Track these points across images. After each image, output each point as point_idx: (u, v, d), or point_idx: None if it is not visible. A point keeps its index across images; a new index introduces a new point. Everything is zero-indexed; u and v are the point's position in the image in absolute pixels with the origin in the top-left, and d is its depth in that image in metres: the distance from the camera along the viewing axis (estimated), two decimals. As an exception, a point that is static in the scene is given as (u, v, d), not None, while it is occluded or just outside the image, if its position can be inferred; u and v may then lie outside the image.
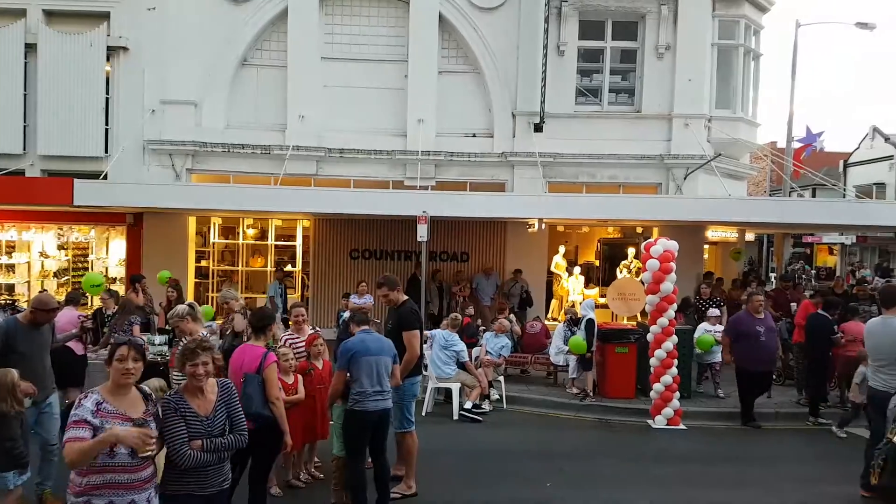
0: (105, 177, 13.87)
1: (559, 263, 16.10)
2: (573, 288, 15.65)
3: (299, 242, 16.01)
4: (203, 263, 15.85)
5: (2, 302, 13.81)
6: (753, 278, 16.66)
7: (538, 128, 14.88)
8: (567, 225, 16.12)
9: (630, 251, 15.88)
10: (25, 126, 14.69)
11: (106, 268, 15.67)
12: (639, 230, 15.84)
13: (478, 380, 9.59)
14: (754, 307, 9.55)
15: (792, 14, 47.39)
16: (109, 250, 15.90)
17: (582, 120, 15.38)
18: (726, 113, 15.74)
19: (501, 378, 10.44)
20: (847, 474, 6.89)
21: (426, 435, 7.37)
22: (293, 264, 16.06)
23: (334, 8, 15.28)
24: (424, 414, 9.32)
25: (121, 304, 8.93)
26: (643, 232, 15.48)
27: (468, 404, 9.37)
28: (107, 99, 14.78)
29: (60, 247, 15.67)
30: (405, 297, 6.79)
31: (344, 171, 15.09)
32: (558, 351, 10.93)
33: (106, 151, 14.70)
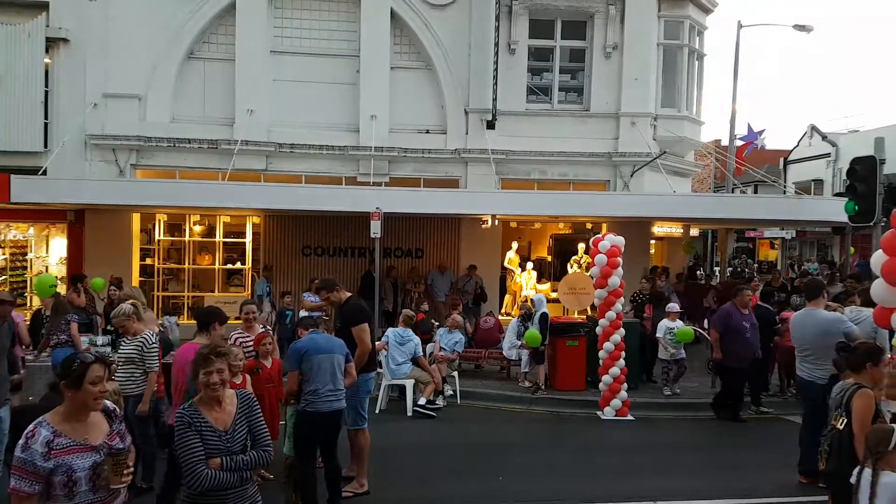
0: (44, 172, 13.35)
1: (512, 259, 16.25)
2: (526, 283, 15.84)
3: (249, 239, 15.75)
4: (148, 261, 15.43)
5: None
6: (703, 276, 17.06)
7: (490, 125, 15.01)
8: (520, 221, 16.29)
9: (580, 247, 16.15)
10: (-42, 119, 14.05)
11: (46, 266, 15.12)
12: (588, 226, 16.12)
13: (431, 376, 9.63)
14: (743, 302, 9.19)
15: (735, 16, 48.82)
16: (50, 249, 15.34)
17: (533, 118, 15.57)
18: (671, 112, 16.12)
19: (455, 373, 10.52)
20: (788, 461, 7.14)
21: (380, 432, 7.38)
22: (242, 262, 15.78)
23: (284, 1, 15.04)
24: (378, 411, 9.32)
25: (54, 305, 8.61)
26: (593, 228, 15.77)
27: (422, 400, 9.41)
28: (46, 92, 14.23)
29: (-3, 245, 15.03)
30: (348, 294, 6.81)
31: (295, 167, 14.90)
32: (511, 346, 11.07)
33: (46, 146, 14.15)
